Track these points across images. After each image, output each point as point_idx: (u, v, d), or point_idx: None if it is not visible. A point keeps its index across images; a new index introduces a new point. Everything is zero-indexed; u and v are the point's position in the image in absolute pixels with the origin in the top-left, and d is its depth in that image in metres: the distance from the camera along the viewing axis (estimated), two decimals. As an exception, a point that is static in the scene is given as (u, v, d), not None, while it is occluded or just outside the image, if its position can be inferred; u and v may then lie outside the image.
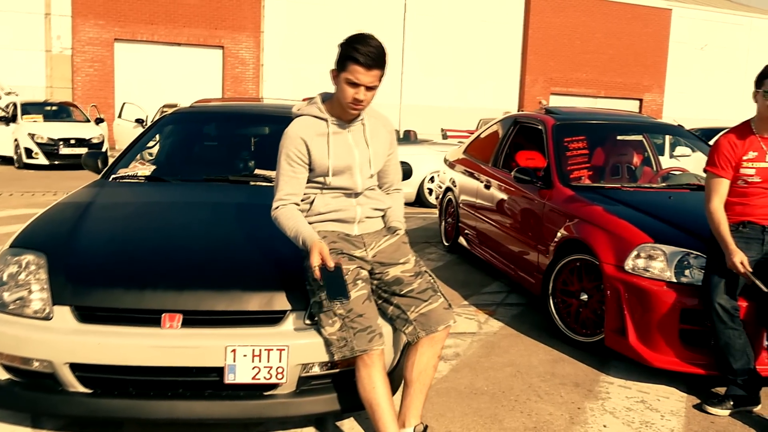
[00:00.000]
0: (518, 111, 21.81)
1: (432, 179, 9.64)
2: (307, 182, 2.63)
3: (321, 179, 2.60)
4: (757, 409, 3.34)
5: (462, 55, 23.74)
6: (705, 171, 3.49)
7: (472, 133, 8.51)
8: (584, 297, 4.07)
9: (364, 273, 2.63)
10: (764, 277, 3.35)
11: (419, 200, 9.93)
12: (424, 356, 2.62)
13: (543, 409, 3.28)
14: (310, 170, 2.60)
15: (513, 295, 5.28)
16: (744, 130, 3.43)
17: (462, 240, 6.41)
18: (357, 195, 2.65)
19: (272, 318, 2.62)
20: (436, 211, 7.68)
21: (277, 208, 2.61)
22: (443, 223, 7.08)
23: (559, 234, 4.37)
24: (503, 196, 5.41)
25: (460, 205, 6.43)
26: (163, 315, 2.55)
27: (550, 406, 3.32)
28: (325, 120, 2.60)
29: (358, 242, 2.64)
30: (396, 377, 2.88)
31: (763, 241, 3.35)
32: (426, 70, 23.27)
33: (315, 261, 2.44)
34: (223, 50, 21.08)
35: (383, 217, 2.79)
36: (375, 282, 2.67)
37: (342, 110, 2.59)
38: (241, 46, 21.18)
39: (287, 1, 21.50)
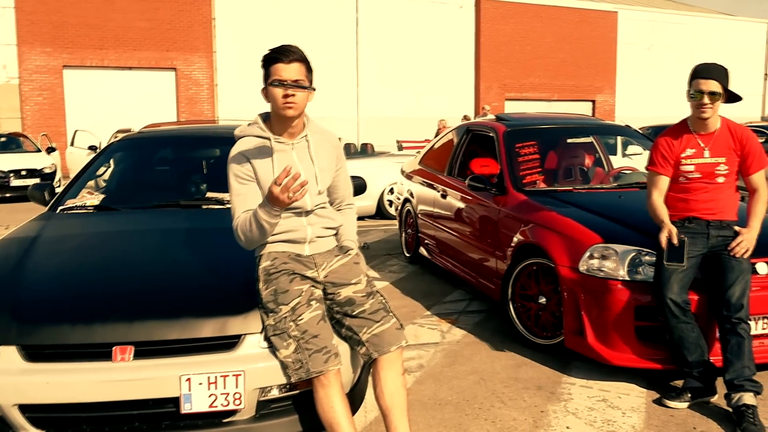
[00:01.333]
0: (474, 118, 22.08)
1: (391, 191, 9.67)
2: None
3: None
4: (714, 399, 3.41)
5: (417, 66, 23.93)
6: (646, 170, 3.58)
7: (428, 142, 8.55)
8: (543, 300, 4.12)
9: (318, 293, 2.62)
10: (710, 271, 3.43)
11: (380, 212, 9.94)
12: (389, 380, 2.59)
13: (507, 415, 3.29)
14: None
15: (475, 302, 5.31)
16: (681, 128, 3.53)
17: (423, 250, 6.43)
18: (307, 213, 2.63)
19: (227, 343, 2.58)
20: (397, 222, 7.70)
21: (236, 226, 2.59)
22: (404, 235, 7.09)
23: (515, 239, 4.42)
24: (460, 204, 5.45)
25: (419, 215, 6.46)
26: (113, 348, 2.50)
27: (513, 411, 3.34)
28: (268, 138, 2.59)
29: (309, 263, 2.62)
30: (357, 396, 2.87)
31: (708, 235, 3.44)
32: (382, 82, 23.39)
33: (276, 191, 2.35)
34: (175, 72, 20.88)
35: (336, 235, 2.78)
36: (328, 302, 2.65)
37: (283, 126, 2.59)
38: (193, 67, 21.01)
39: (238, 20, 21.42)
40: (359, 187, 4.26)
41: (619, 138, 9.25)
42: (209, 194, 3.98)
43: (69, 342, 2.50)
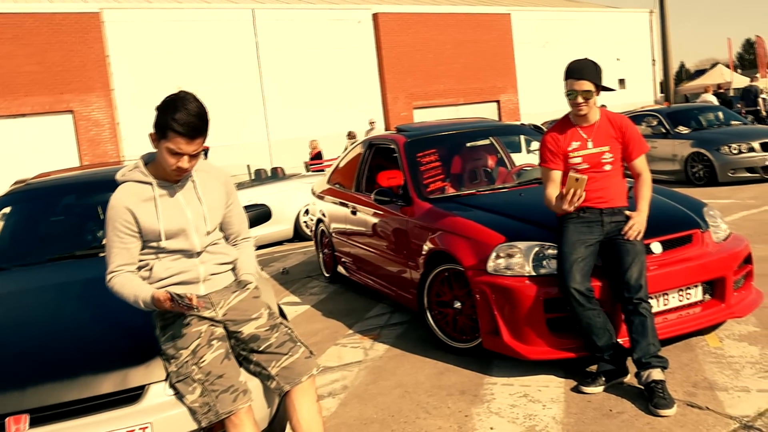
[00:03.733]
0: (385, 129, 22.27)
1: (307, 212, 9.60)
2: (142, 249, 2.52)
3: (155, 244, 2.50)
4: (627, 379, 3.53)
5: (322, 84, 23.95)
6: (539, 166, 3.69)
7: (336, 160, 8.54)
8: (458, 305, 4.16)
9: (219, 331, 2.55)
10: (608, 256, 3.57)
11: (298, 235, 9.86)
12: (304, 409, 2.55)
13: (432, 425, 3.30)
14: (142, 237, 2.49)
15: (396, 314, 5.32)
16: (564, 123, 3.67)
17: (341, 269, 6.41)
18: (198, 253, 2.56)
19: (131, 396, 2.48)
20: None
21: (110, 279, 2.47)
22: (321, 255, 7.05)
23: (425, 247, 4.46)
24: (370, 219, 5.47)
25: (333, 234, 6.44)
26: (6, 419, 2.35)
27: (439, 419, 3.35)
28: (150, 183, 2.50)
29: (206, 303, 2.55)
30: (276, 429, 2.81)
31: (602, 222, 3.57)
32: (289, 104, 23.27)
33: (167, 305, 2.33)
34: (73, 114, 20.06)
35: (233, 270, 2.71)
36: (232, 341, 2.59)
37: (167, 172, 2.51)
38: (92, 107, 20.25)
39: (134, 55, 20.84)
40: (264, 214, 4.17)
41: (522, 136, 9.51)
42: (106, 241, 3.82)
43: (-45, 419, 2.33)
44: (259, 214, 4.07)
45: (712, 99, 16.35)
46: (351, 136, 17.53)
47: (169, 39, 21.38)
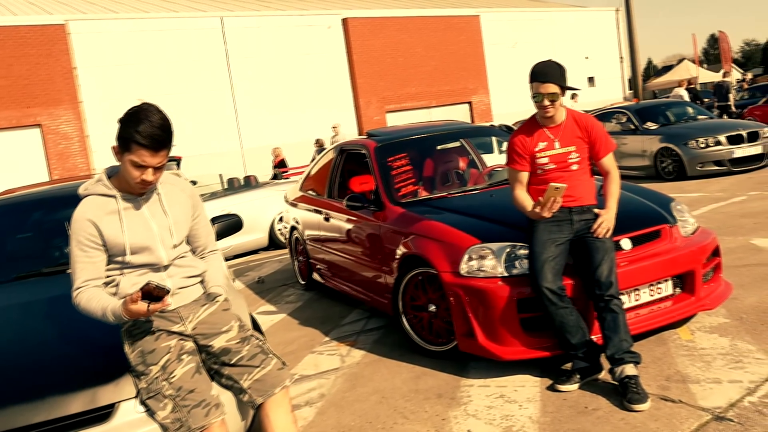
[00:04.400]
0: (358, 134, 22.26)
1: (281, 219, 9.56)
2: (108, 264, 2.48)
3: (121, 259, 2.46)
4: (602, 375, 3.56)
5: (294, 90, 23.88)
6: (506, 167, 3.72)
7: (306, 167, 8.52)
8: (433, 308, 4.17)
9: (189, 345, 2.52)
10: (578, 254, 3.60)
11: (274, 243, 9.81)
12: (278, 421, 2.53)
13: (410, 430, 3.30)
14: (107, 251, 2.45)
15: (373, 319, 5.31)
16: (531, 125, 3.70)
17: (316, 275, 6.38)
18: (166, 267, 2.53)
19: (101, 415, 2.43)
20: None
21: (76, 295, 2.43)
22: (296, 262, 7.02)
23: (398, 252, 4.45)
24: (343, 225, 5.45)
25: (307, 241, 6.41)
26: (-29, 444, 2.29)
27: (416, 424, 3.35)
28: (114, 197, 2.47)
29: (174, 317, 2.51)
30: (251, 441, 2.78)
31: (572, 221, 3.60)
32: (261, 111, 23.17)
33: (143, 308, 2.25)
34: (41, 128, 19.76)
35: (202, 282, 2.68)
36: (203, 355, 2.56)
37: (131, 185, 2.47)
38: (60, 120, 19.97)
39: (102, 67, 20.59)
40: (235, 224, 4.12)
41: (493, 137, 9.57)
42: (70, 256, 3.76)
43: None
44: (229, 225, 4.03)
45: (684, 94, 16.62)
46: (318, 143, 17.43)
47: (137, 49, 21.18)
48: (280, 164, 15.80)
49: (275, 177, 12.34)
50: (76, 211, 2.46)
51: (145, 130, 2.32)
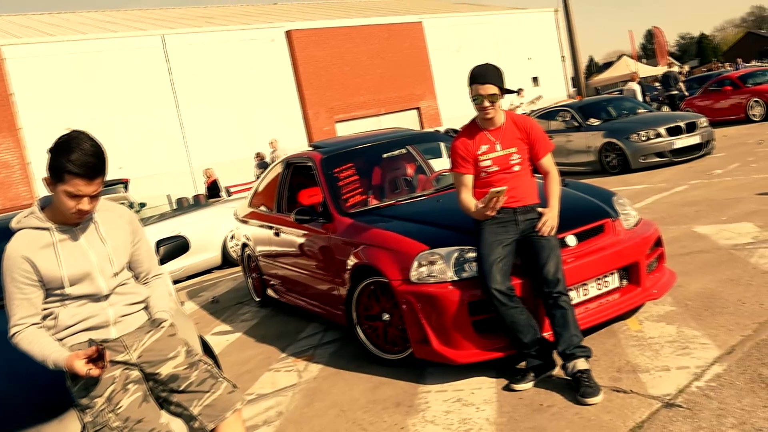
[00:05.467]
0: (308, 145, 22.18)
1: (233, 237, 9.44)
2: (46, 297, 2.40)
3: (59, 292, 2.38)
4: (555, 371, 3.61)
5: (241, 105, 23.70)
6: (451, 172, 3.75)
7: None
8: (386, 317, 4.16)
9: (135, 374, 2.45)
10: (525, 254, 3.65)
11: (227, 261, 9.68)
12: None
13: (369, 441, 3.28)
14: (44, 285, 2.37)
15: (329, 332, 5.28)
16: (472, 128, 3.75)
17: (270, 292, 6.32)
18: (106, 297, 2.46)
19: (44, 455, 2.35)
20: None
21: (14, 335, 2.34)
22: (249, 279, 6.94)
23: (349, 263, 4.44)
24: (294, 239, 5.41)
25: (260, 257, 6.34)
26: None
27: (375, 435, 3.34)
28: (48, 229, 2.39)
29: (118, 347, 2.44)
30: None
31: (517, 221, 3.65)
32: (209, 128, 22.90)
33: (83, 370, 2.23)
34: (-21, 158, 19.17)
35: (147, 308, 2.61)
36: (150, 383, 2.49)
37: (66, 215, 2.40)
38: (-1, 149, 19.39)
39: (40, 92, 20.07)
40: (182, 246, 4.03)
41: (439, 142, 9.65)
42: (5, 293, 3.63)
43: None
44: (176, 247, 3.95)
45: (636, 87, 17.06)
46: (259, 156, 17.25)
47: (77, 71, 20.72)
48: (213, 185, 15.37)
49: (211, 197, 11.94)
50: (8, 246, 2.37)
51: (78, 159, 2.25)
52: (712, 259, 5.10)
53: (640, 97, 16.75)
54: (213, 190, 14.95)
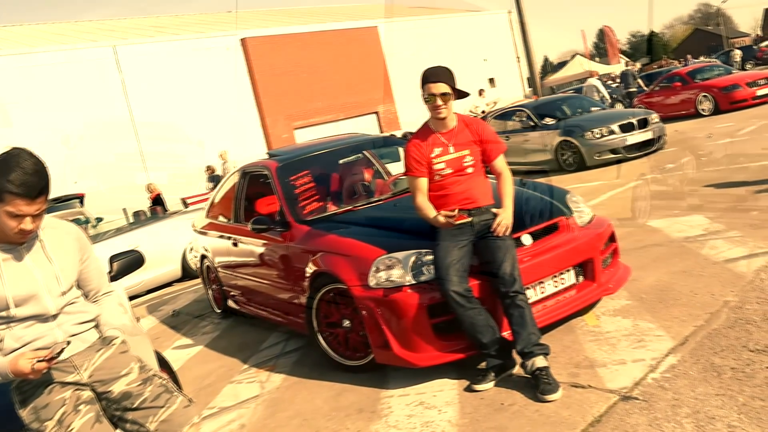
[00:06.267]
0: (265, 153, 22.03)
1: (192, 249, 9.31)
2: None
3: (5, 314, 2.30)
4: (515, 370, 3.64)
5: (198, 115, 23.42)
6: (405, 176, 3.76)
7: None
8: (347, 323, 4.15)
9: (87, 395, 2.39)
10: (482, 255, 3.68)
11: (188, 273, 9.53)
12: None
13: (333, 450, 3.26)
14: None
15: (291, 341, 5.24)
16: (425, 131, 3.77)
17: (231, 303, 6.24)
18: (54, 317, 2.39)
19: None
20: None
21: None
22: (210, 291, 6.85)
23: (308, 270, 4.41)
24: (252, 249, 5.36)
25: (219, 268, 6.27)
26: None
27: (338, 443, 3.32)
28: None
29: (67, 367, 2.38)
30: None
31: (472, 222, 3.68)
32: (164, 140, 22.56)
33: (27, 367, 2.16)
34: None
35: (97, 327, 2.55)
36: (103, 402, 2.44)
37: (9, 235, 2.33)
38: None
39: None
40: (136, 260, 3.95)
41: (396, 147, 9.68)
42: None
43: None
44: (130, 261, 3.87)
45: (597, 83, 17.33)
46: (210, 170, 17.04)
47: (26, 86, 20.22)
48: (157, 200, 14.97)
49: (154, 214, 11.60)
50: None
51: (18, 178, 2.19)
52: (666, 252, 5.21)
53: (604, 91, 16.96)
54: (157, 205, 14.46)
